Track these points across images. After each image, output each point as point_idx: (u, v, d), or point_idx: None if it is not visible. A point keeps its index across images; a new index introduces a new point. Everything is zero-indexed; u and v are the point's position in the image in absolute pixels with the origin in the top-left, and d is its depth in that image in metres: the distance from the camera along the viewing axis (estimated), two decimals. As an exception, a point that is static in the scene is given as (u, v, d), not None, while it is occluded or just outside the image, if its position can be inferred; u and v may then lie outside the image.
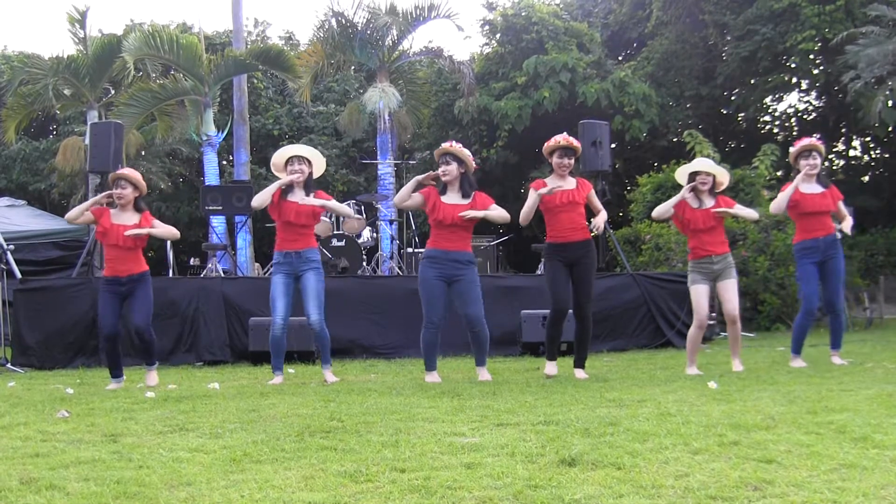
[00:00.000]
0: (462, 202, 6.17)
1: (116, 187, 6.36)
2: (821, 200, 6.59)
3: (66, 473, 3.09)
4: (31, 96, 17.20)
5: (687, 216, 6.39)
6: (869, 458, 3.07)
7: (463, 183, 6.22)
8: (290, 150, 6.55)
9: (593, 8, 21.50)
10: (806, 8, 16.07)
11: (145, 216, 6.40)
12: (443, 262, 6.12)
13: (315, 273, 6.32)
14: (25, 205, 14.99)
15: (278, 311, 6.28)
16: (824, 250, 6.59)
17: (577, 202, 6.22)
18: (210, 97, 16.91)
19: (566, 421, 3.96)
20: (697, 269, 6.39)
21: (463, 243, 6.19)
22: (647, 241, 13.09)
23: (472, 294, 6.13)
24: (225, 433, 3.88)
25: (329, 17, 17.24)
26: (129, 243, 6.24)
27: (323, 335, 6.36)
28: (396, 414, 4.35)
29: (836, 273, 6.61)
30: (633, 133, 17.77)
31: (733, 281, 6.40)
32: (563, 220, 6.20)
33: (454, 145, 6.27)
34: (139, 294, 6.28)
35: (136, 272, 6.28)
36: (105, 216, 6.31)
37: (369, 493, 2.74)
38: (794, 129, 20.49)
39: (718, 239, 6.41)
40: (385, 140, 16.94)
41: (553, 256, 6.25)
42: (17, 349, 8.35)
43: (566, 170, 6.26)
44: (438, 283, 6.10)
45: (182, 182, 22.95)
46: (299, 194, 6.37)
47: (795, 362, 6.65)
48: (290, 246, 6.33)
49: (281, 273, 6.31)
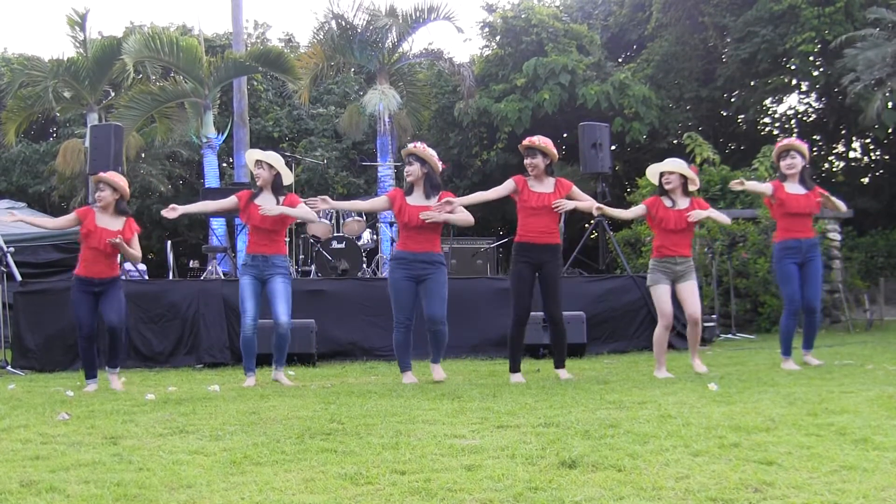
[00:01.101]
0: (426, 203, 6.22)
1: (97, 189, 6.42)
2: (804, 202, 6.60)
3: (66, 476, 3.09)
4: (31, 98, 17.23)
5: (660, 215, 6.40)
6: (869, 459, 3.07)
7: (426, 184, 6.26)
8: (254, 154, 6.59)
9: (593, 10, 21.50)
10: (806, 10, 16.08)
11: (129, 222, 6.43)
12: (411, 262, 6.17)
13: (282, 277, 6.33)
14: (25, 207, 14.98)
15: (248, 312, 6.31)
16: (805, 251, 6.60)
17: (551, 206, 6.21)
18: (210, 99, 16.93)
19: (566, 423, 3.96)
20: (660, 268, 6.38)
21: (430, 244, 6.24)
22: (647, 242, 13.09)
23: (438, 294, 6.18)
24: (225, 435, 3.88)
25: (329, 19, 17.27)
26: (108, 249, 6.27)
27: (286, 338, 6.38)
28: (397, 416, 4.35)
29: (815, 274, 6.62)
30: (633, 135, 17.77)
31: (694, 283, 6.41)
32: (535, 222, 6.20)
33: (418, 146, 6.36)
34: (112, 294, 6.33)
35: (108, 276, 6.35)
36: (90, 217, 6.33)
37: (370, 496, 2.74)
38: (794, 130, 20.49)
39: (686, 241, 6.43)
40: (385, 142, 16.96)
41: (519, 258, 6.24)
42: (17, 352, 8.35)
43: (535, 170, 6.24)
44: (407, 283, 6.16)
45: (182, 184, 22.96)
46: (268, 199, 6.39)
47: (787, 364, 6.64)
48: (259, 250, 6.36)
49: (248, 275, 6.34)
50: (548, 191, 6.24)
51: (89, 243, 6.29)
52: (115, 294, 6.35)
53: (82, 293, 6.32)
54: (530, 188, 6.24)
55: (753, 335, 10.99)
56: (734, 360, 7.50)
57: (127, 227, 6.37)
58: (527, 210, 6.22)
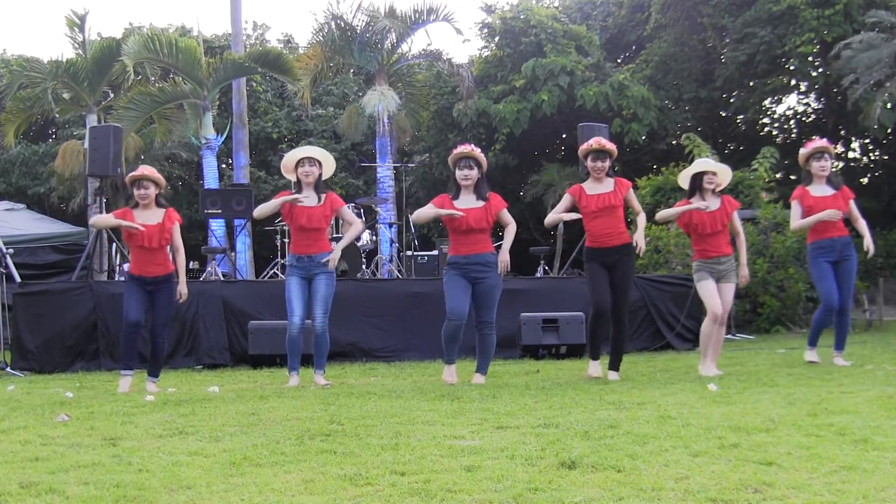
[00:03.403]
0: (476, 205, 6.19)
1: (139, 188, 6.30)
2: (832, 203, 6.65)
3: (65, 477, 3.09)
4: (31, 100, 17.22)
5: (695, 220, 6.41)
6: (869, 460, 3.07)
7: (479, 187, 6.25)
8: (301, 152, 6.55)
9: (592, 11, 21.51)
10: (805, 11, 16.09)
11: (168, 213, 6.35)
12: (464, 266, 6.15)
13: (326, 277, 6.34)
14: (25, 208, 15.01)
15: (295, 311, 6.29)
16: (840, 250, 6.67)
17: (613, 206, 6.21)
18: (209, 100, 16.93)
19: (566, 424, 3.96)
20: (705, 267, 6.41)
21: (482, 245, 6.19)
22: (647, 243, 13.09)
23: (489, 297, 6.16)
24: (225, 437, 3.88)
25: (328, 20, 17.27)
26: (154, 244, 6.22)
27: (324, 339, 6.37)
28: (396, 417, 4.35)
29: (849, 274, 6.68)
30: (632, 136, 17.78)
31: (732, 285, 6.45)
32: (599, 225, 6.21)
33: (475, 149, 6.30)
34: (162, 298, 6.26)
35: (160, 274, 6.26)
36: (128, 218, 6.25)
37: (369, 497, 2.74)
38: (793, 131, 20.50)
39: (724, 240, 6.47)
40: (384, 143, 16.96)
41: (592, 259, 6.26)
42: (16, 353, 8.34)
43: (601, 173, 6.27)
44: (461, 279, 6.11)
45: (181, 185, 22.96)
46: (310, 197, 6.38)
47: (810, 355, 6.72)
48: (304, 250, 6.34)
49: (295, 276, 6.33)
50: (607, 190, 6.25)
51: (134, 242, 6.24)
52: (165, 297, 6.26)
53: (133, 288, 6.25)
54: (587, 193, 6.25)
55: (753, 336, 10.99)
56: (734, 360, 7.50)
57: (167, 218, 6.31)
58: (589, 215, 6.22)
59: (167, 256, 6.36)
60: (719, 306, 6.35)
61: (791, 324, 11.71)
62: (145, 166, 6.58)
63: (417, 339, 8.60)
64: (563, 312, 8.59)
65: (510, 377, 6.78)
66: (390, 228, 14.09)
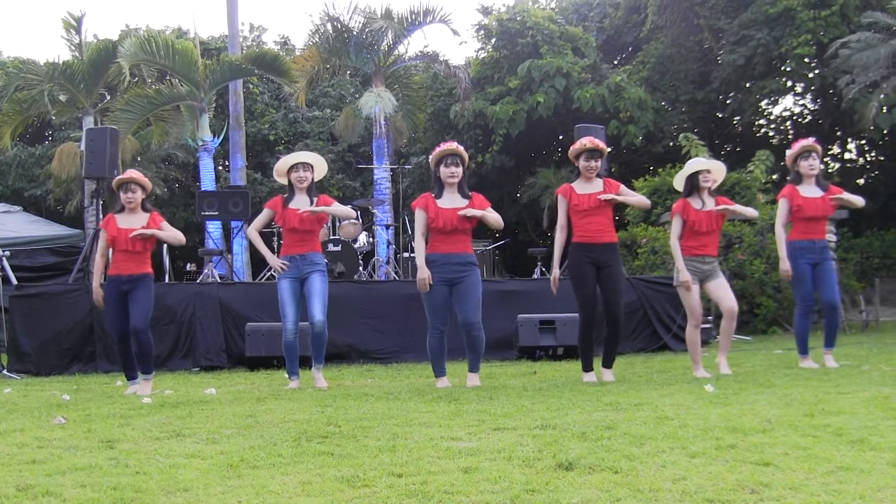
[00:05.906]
0: (461, 204, 6.16)
1: (126, 192, 6.33)
2: (822, 205, 6.69)
3: (62, 480, 3.08)
4: (27, 102, 17.21)
5: (692, 218, 6.41)
6: (866, 460, 3.08)
7: (463, 185, 6.24)
8: (294, 158, 6.58)
9: (588, 12, 21.54)
10: (801, 13, 16.12)
11: (153, 217, 6.39)
12: (443, 265, 6.10)
13: (320, 275, 6.35)
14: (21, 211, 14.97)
15: (289, 316, 6.29)
16: (819, 252, 6.71)
17: (604, 205, 6.20)
18: (206, 102, 16.93)
19: (563, 425, 3.96)
20: (689, 267, 6.39)
21: (463, 245, 6.16)
22: (643, 244, 13.11)
23: (472, 297, 6.09)
24: (222, 439, 3.88)
25: (324, 21, 17.30)
26: (137, 247, 6.24)
27: (323, 335, 6.35)
28: (393, 419, 4.35)
29: (830, 272, 6.72)
30: (629, 138, 17.79)
31: (723, 278, 6.48)
32: (589, 222, 6.19)
33: (460, 147, 6.28)
34: (138, 294, 6.24)
35: (136, 272, 6.27)
36: (111, 224, 6.29)
37: (367, 498, 2.74)
38: (790, 132, 20.54)
39: (714, 242, 6.47)
40: (381, 145, 16.95)
41: (579, 257, 6.20)
42: (13, 355, 8.33)
43: (593, 172, 6.25)
44: (440, 287, 6.05)
45: (178, 187, 22.95)
46: (302, 200, 6.39)
47: (805, 363, 6.70)
48: (296, 250, 6.36)
49: (287, 278, 6.33)
50: (596, 190, 6.23)
51: (117, 247, 6.27)
52: (141, 294, 6.24)
53: (111, 295, 6.27)
54: (577, 193, 6.24)
55: (749, 337, 11.00)
56: (730, 361, 7.47)
57: (151, 222, 6.35)
58: (580, 213, 6.20)
59: (147, 259, 6.39)
60: (700, 312, 6.38)
61: (788, 325, 11.72)
62: (132, 170, 6.61)
63: (414, 341, 8.58)
64: (560, 314, 8.59)
65: (507, 378, 6.78)
66: (387, 230, 14.08)
